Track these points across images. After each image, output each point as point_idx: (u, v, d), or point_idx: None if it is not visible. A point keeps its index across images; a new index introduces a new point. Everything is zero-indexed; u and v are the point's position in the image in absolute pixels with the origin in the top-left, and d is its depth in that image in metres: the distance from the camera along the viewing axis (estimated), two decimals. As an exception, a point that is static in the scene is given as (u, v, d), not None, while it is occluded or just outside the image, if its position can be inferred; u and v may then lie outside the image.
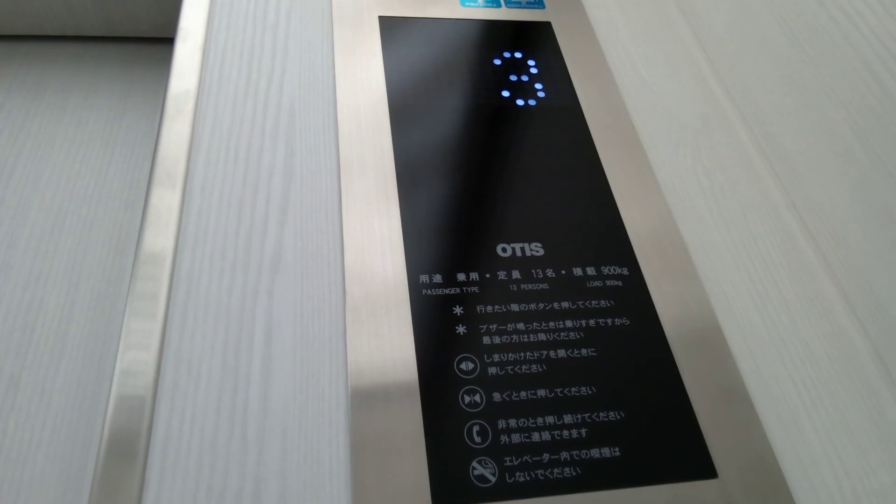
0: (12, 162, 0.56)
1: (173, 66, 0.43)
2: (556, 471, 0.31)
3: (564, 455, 0.32)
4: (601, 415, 0.33)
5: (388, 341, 0.34)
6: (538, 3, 0.53)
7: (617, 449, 0.32)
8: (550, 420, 0.33)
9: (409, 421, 0.32)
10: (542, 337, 0.35)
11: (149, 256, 0.35)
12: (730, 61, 0.49)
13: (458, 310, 0.36)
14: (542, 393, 0.33)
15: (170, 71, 0.43)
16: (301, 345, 0.34)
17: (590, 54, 0.50)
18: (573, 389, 0.34)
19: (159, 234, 0.36)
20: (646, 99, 0.48)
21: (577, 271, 0.38)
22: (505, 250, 0.38)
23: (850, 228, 0.39)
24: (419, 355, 0.34)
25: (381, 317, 0.35)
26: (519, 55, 0.48)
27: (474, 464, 0.31)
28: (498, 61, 0.48)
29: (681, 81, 0.50)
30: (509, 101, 0.46)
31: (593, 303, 0.37)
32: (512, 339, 0.35)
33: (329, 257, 0.37)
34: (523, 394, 0.33)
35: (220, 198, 0.38)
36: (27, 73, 0.62)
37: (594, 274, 0.38)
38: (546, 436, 0.32)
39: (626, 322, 0.36)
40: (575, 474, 0.31)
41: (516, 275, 0.37)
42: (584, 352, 0.35)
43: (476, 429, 0.32)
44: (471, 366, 0.34)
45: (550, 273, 0.38)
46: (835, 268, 0.40)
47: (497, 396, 0.33)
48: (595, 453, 0.32)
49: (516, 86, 0.47)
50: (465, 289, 0.36)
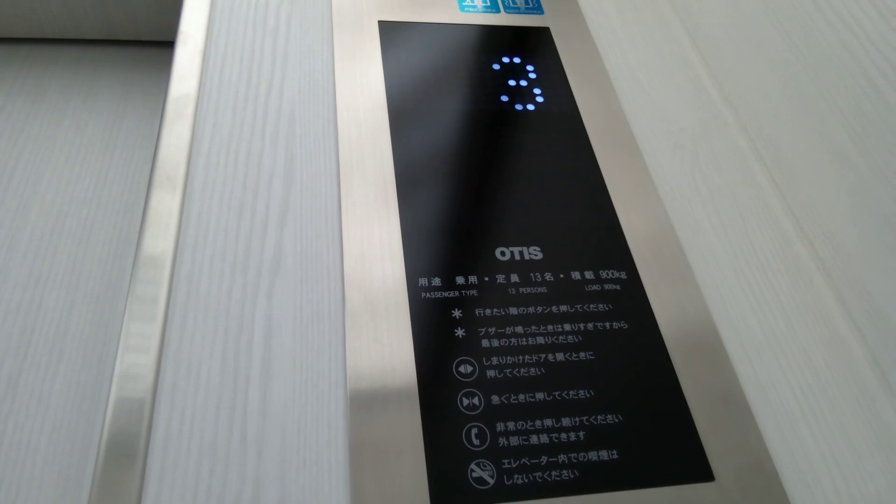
0: (12, 165, 0.56)
1: (173, 70, 0.43)
2: (554, 473, 0.31)
3: (562, 458, 0.32)
4: (599, 418, 0.33)
5: (387, 344, 0.34)
6: (537, 9, 0.53)
7: (615, 452, 0.32)
8: (548, 423, 0.33)
9: (408, 423, 0.32)
10: (541, 340, 0.35)
11: (148, 259, 0.35)
12: (727, 66, 0.49)
13: (457, 313, 0.36)
14: (540, 396, 0.34)
15: (170, 74, 0.43)
16: (300, 347, 0.34)
17: (588, 59, 0.50)
18: (571, 392, 0.34)
19: (159, 237, 0.36)
20: (643, 104, 0.48)
21: (576, 275, 0.38)
22: (504, 254, 0.38)
23: (847, 233, 0.39)
24: (418, 358, 0.34)
25: (380, 319, 0.35)
26: (518, 60, 0.49)
27: (473, 466, 0.31)
28: (497, 66, 0.48)
29: (678, 86, 0.50)
30: (508, 106, 0.46)
31: (591, 306, 0.37)
32: (510, 342, 0.35)
33: (328, 260, 0.37)
34: (522, 397, 0.33)
35: (220, 201, 0.38)
36: (27, 76, 0.62)
37: (592, 278, 0.38)
38: (544, 438, 0.32)
39: (623, 326, 0.37)
40: (573, 477, 0.31)
41: (515, 278, 0.37)
42: (582, 355, 0.35)
43: (475, 431, 0.32)
44: (469, 369, 0.34)
45: (549, 277, 0.38)
46: (832, 273, 0.40)
47: (495, 399, 0.33)
48: (593, 456, 0.32)
49: (515, 91, 0.47)
50: (463, 292, 0.36)
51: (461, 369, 0.34)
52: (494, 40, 0.50)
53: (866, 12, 0.38)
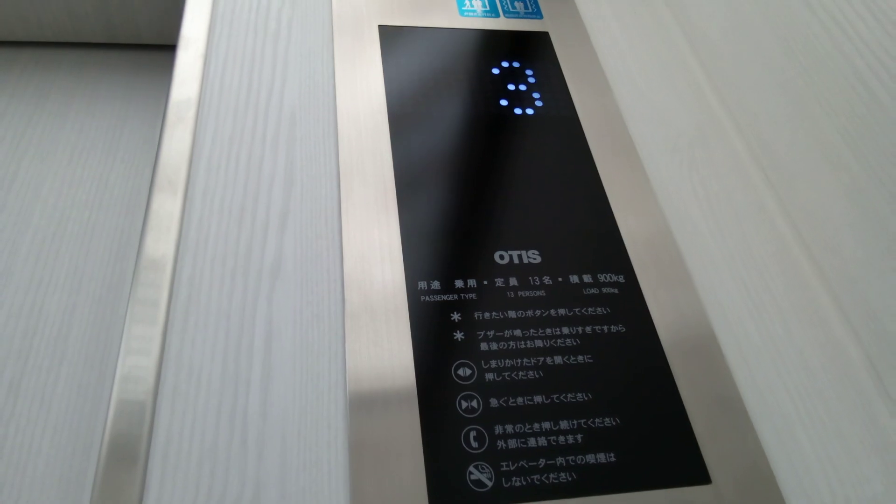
0: (14, 168, 0.56)
1: (175, 74, 0.44)
2: (552, 476, 0.32)
3: (560, 460, 0.32)
4: (597, 421, 0.34)
5: (386, 347, 0.34)
6: (536, 14, 0.53)
7: (612, 455, 0.33)
8: (547, 426, 0.33)
9: (408, 426, 0.32)
10: (539, 343, 0.36)
11: (150, 262, 0.36)
12: (725, 71, 0.49)
13: (456, 316, 0.36)
14: (538, 399, 0.34)
15: (171, 78, 0.43)
16: (301, 350, 0.34)
17: (587, 64, 0.50)
18: (569, 396, 0.34)
19: (160, 240, 0.36)
20: (642, 108, 0.49)
21: (574, 279, 0.38)
22: (502, 257, 0.39)
23: (844, 237, 0.40)
24: (417, 361, 0.34)
25: (379, 322, 0.35)
26: (517, 65, 0.49)
27: (471, 468, 0.31)
28: (496, 70, 0.48)
29: (676, 91, 0.50)
30: (507, 110, 0.46)
31: (590, 310, 0.37)
32: (509, 345, 0.35)
33: (328, 264, 0.37)
34: (520, 400, 0.34)
35: (220, 204, 0.39)
36: (29, 80, 0.63)
37: (590, 281, 0.38)
38: (542, 441, 0.32)
39: (621, 329, 0.37)
40: (571, 479, 0.32)
41: (513, 282, 0.38)
42: (580, 358, 0.35)
43: (473, 434, 0.32)
44: (468, 372, 0.34)
45: (547, 280, 0.38)
46: (829, 276, 0.41)
47: (494, 402, 0.33)
48: (591, 459, 0.32)
49: (514, 95, 0.47)
50: (462, 295, 0.37)
51: (460, 372, 0.34)
52: (494, 45, 0.50)
53: (861, 16, 0.38)
